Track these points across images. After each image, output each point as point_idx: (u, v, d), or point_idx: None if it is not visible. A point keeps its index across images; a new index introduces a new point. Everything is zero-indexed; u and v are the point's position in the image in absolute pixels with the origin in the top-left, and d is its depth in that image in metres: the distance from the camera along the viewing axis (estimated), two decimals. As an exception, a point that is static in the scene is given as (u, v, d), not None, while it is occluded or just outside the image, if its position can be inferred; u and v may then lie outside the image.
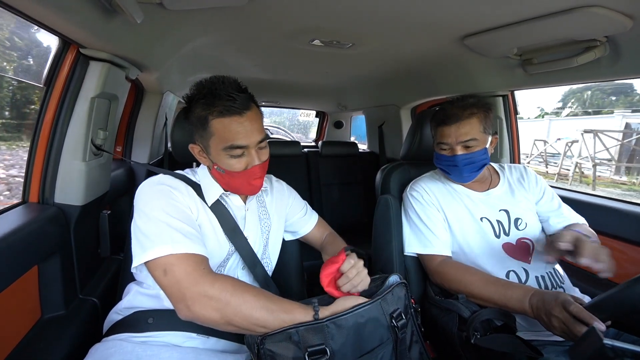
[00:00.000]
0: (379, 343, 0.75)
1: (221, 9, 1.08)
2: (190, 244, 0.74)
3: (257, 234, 1.00)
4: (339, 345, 0.69)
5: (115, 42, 1.00)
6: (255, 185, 0.90)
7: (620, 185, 10.30)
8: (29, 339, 0.90)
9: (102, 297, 1.15)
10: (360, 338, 0.72)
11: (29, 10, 0.74)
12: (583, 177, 10.59)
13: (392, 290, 0.83)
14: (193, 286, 0.69)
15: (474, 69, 1.52)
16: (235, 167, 0.85)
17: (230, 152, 0.83)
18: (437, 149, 1.16)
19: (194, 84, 0.88)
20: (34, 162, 1.02)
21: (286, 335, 0.68)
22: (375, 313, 0.76)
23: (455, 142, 1.08)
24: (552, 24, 0.99)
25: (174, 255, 0.72)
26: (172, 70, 1.67)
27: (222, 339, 0.86)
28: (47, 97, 1.01)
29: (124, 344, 0.78)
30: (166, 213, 0.78)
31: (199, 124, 0.85)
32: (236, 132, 0.82)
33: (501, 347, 0.85)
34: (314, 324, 0.69)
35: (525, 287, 0.91)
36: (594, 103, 22.41)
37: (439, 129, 1.13)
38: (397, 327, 0.78)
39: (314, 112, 4.36)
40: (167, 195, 0.83)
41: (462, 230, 1.11)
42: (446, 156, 1.12)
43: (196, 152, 0.92)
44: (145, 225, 0.76)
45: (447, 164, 1.13)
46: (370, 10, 1.06)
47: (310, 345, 0.67)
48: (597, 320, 0.71)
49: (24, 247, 0.85)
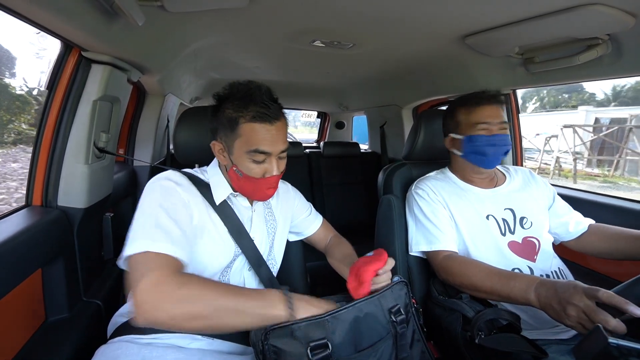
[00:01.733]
0: (379, 338, 0.76)
1: (222, 11, 1.08)
2: (169, 246, 0.72)
3: (264, 236, 1.00)
4: (340, 339, 0.71)
5: (117, 45, 1.01)
6: (267, 194, 0.92)
7: (595, 177, 10.78)
8: (33, 342, 0.90)
9: (106, 300, 1.15)
10: (359, 332, 0.74)
11: (31, 14, 0.74)
12: (561, 171, 11.00)
13: (392, 288, 0.84)
14: (156, 286, 0.65)
15: (475, 68, 1.52)
16: (253, 172, 0.86)
17: (253, 157, 0.84)
18: (472, 131, 1.12)
19: (227, 84, 0.88)
20: (37, 165, 1.02)
21: (288, 331, 0.68)
22: (374, 309, 0.78)
23: (494, 122, 1.10)
24: (553, 23, 0.99)
25: (150, 252, 0.71)
26: (173, 72, 1.67)
27: (227, 341, 0.86)
28: (50, 100, 1.01)
29: (130, 346, 0.78)
30: (160, 207, 0.78)
31: (228, 124, 0.85)
32: (263, 138, 0.83)
33: (506, 347, 0.84)
34: (316, 319, 0.70)
35: (530, 277, 0.88)
36: (551, 101, 25.03)
37: (476, 109, 1.12)
38: (395, 322, 0.79)
39: (316, 113, 4.36)
40: (169, 190, 0.83)
41: (469, 227, 1.11)
42: (485, 136, 1.10)
43: (217, 149, 0.91)
44: (137, 218, 0.77)
45: (485, 143, 1.10)
46: (371, 10, 1.06)
47: (312, 340, 0.68)
48: (632, 305, 0.66)
49: (27, 251, 0.85)
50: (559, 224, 1.16)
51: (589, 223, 1.16)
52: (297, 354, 0.67)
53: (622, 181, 10.38)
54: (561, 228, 1.16)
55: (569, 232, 1.15)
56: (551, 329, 0.98)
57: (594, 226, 1.15)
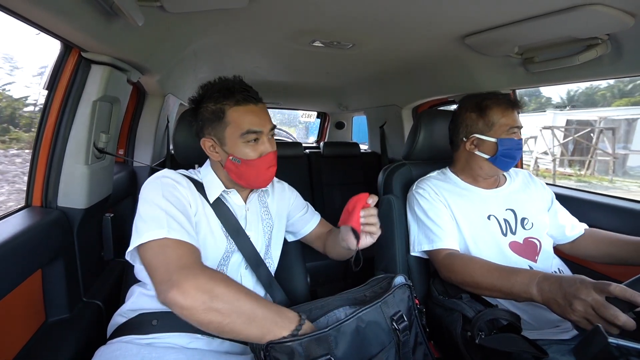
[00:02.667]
0: (381, 348, 0.74)
1: (222, 11, 1.08)
2: (185, 234, 0.75)
3: (259, 234, 1.00)
4: (342, 352, 0.68)
5: (117, 46, 1.01)
6: (269, 174, 0.93)
7: (569, 177, 11.20)
8: (33, 342, 0.90)
9: (106, 300, 1.15)
10: (362, 343, 0.72)
11: (30, 15, 0.74)
12: (538, 171, 11.27)
13: (394, 293, 0.82)
14: (181, 269, 0.67)
15: (475, 68, 1.52)
16: (250, 156, 0.88)
17: (247, 138, 0.88)
18: (506, 134, 1.12)
19: (199, 86, 0.93)
20: (36, 165, 1.02)
21: (289, 349, 0.64)
22: (376, 317, 0.76)
23: (520, 127, 1.13)
24: (553, 23, 0.99)
25: (169, 239, 0.72)
26: (173, 72, 1.67)
27: (227, 340, 0.86)
28: (50, 100, 1.01)
29: (129, 346, 0.78)
30: (167, 200, 0.79)
31: (214, 117, 0.89)
32: (252, 119, 0.88)
33: (506, 347, 0.84)
34: (317, 334, 0.66)
35: (532, 272, 0.87)
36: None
37: (511, 112, 1.13)
38: (398, 330, 0.77)
39: (315, 113, 4.36)
40: (170, 186, 0.85)
41: (470, 227, 1.11)
42: (516, 140, 1.12)
43: (207, 146, 0.92)
44: (145, 210, 0.78)
45: (516, 147, 1.12)
46: (371, 10, 1.06)
47: (315, 357, 0.65)
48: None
49: (27, 251, 0.85)
50: (557, 226, 1.17)
51: (584, 227, 1.17)
52: None
53: (595, 180, 10.75)
54: (558, 230, 1.17)
55: (566, 236, 1.16)
56: (552, 329, 0.98)
57: (588, 231, 1.16)
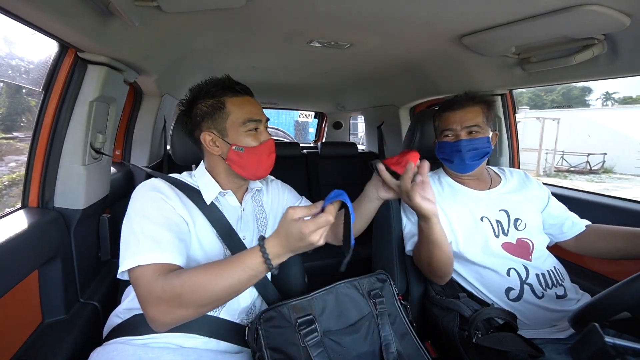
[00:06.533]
0: (361, 316, 0.91)
1: (219, 11, 1.08)
2: (158, 255, 0.74)
3: (255, 234, 1.00)
4: (324, 314, 0.87)
5: (113, 46, 1.00)
6: (270, 161, 0.96)
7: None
8: (29, 343, 0.90)
9: (102, 301, 1.15)
10: (341, 310, 0.90)
11: (27, 15, 0.74)
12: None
13: (370, 277, 1.01)
14: (148, 295, 0.71)
15: (472, 68, 1.52)
16: (252, 144, 0.92)
17: (248, 127, 0.91)
18: (440, 138, 1.17)
19: (189, 89, 0.95)
20: (33, 166, 1.02)
21: (275, 312, 0.83)
22: (351, 291, 0.95)
23: (460, 128, 1.11)
24: (549, 23, 0.99)
25: (142, 266, 0.73)
26: (170, 72, 1.67)
27: (223, 340, 0.86)
28: (46, 101, 1.01)
29: (125, 347, 0.78)
30: (146, 218, 0.78)
31: (212, 110, 0.91)
32: (251, 108, 0.93)
33: (503, 346, 0.85)
34: (301, 299, 0.88)
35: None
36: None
37: (444, 116, 1.15)
38: (375, 302, 0.95)
39: (313, 113, 4.36)
40: (155, 200, 0.82)
41: (463, 229, 1.11)
42: (450, 142, 1.13)
43: (207, 140, 0.92)
44: (125, 231, 0.79)
45: (450, 150, 1.13)
46: (368, 10, 1.06)
47: (299, 317, 0.83)
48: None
49: (24, 252, 0.85)
50: (553, 224, 1.17)
51: (585, 224, 1.16)
52: (288, 333, 0.81)
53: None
54: (555, 228, 1.17)
55: (563, 233, 1.16)
56: (548, 328, 0.98)
57: (591, 227, 1.15)
